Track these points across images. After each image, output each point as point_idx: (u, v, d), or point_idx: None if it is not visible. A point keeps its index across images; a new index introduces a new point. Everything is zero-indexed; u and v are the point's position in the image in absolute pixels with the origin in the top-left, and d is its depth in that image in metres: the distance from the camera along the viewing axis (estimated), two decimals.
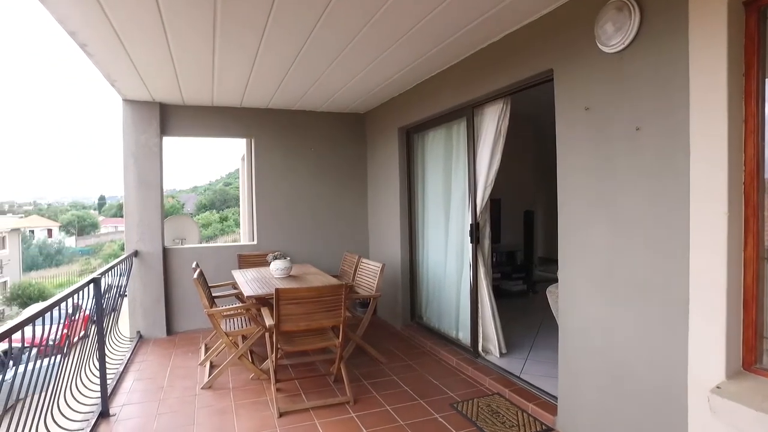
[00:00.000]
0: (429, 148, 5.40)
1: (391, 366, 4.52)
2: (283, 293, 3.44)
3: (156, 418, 3.56)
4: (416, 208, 5.69)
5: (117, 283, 4.66)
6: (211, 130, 6.05)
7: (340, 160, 6.62)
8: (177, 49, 3.94)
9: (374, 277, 4.64)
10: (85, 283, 3.43)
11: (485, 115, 4.27)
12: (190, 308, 5.77)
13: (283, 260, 4.62)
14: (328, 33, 3.59)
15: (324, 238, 6.48)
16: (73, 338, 3.34)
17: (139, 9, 3.16)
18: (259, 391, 4.01)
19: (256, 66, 4.38)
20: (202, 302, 4.11)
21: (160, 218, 5.61)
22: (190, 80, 4.82)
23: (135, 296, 5.54)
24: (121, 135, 5.53)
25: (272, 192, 6.27)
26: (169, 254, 5.77)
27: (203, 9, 3.18)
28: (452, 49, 4.05)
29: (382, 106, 6.08)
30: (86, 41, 3.78)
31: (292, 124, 6.34)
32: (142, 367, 4.65)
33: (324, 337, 3.91)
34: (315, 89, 5.26)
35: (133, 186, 5.53)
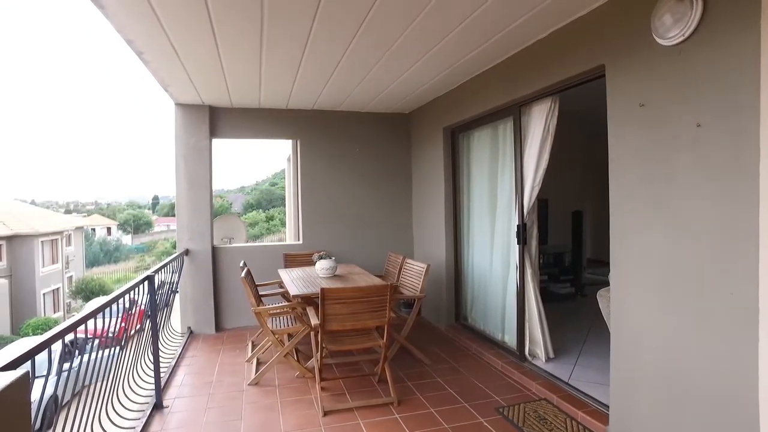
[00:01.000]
0: (474, 148, 5.32)
1: (435, 367, 4.49)
2: (328, 293, 3.47)
3: (205, 412, 3.67)
4: (461, 208, 5.62)
5: (169, 280, 4.84)
6: (258, 132, 6.19)
7: (384, 160, 6.64)
8: (226, 55, 4.06)
9: (419, 277, 4.61)
10: (140, 280, 3.57)
11: (533, 114, 4.17)
12: (238, 306, 5.92)
13: (328, 260, 4.67)
14: (371, 35, 3.61)
15: (368, 238, 6.51)
16: (130, 331, 3.49)
17: (193, 19, 3.30)
18: (304, 389, 4.06)
19: (301, 69, 4.44)
20: (249, 301, 4.20)
21: (209, 218, 5.79)
22: (238, 83, 4.95)
23: (186, 293, 5.74)
24: (173, 138, 5.74)
25: (317, 192, 6.35)
26: (218, 253, 5.94)
27: (251, 18, 3.29)
28: (497, 48, 3.98)
29: (427, 105, 6.04)
30: (143, 49, 3.95)
31: (337, 125, 6.40)
32: (193, 362, 4.80)
33: (369, 337, 3.92)
34: (359, 90, 5.29)
35: (184, 187, 5.73)
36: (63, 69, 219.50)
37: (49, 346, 1.86)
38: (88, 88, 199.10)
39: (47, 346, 1.85)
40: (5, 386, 1.24)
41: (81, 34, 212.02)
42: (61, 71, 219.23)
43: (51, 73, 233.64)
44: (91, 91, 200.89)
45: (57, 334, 1.99)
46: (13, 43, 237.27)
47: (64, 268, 27.75)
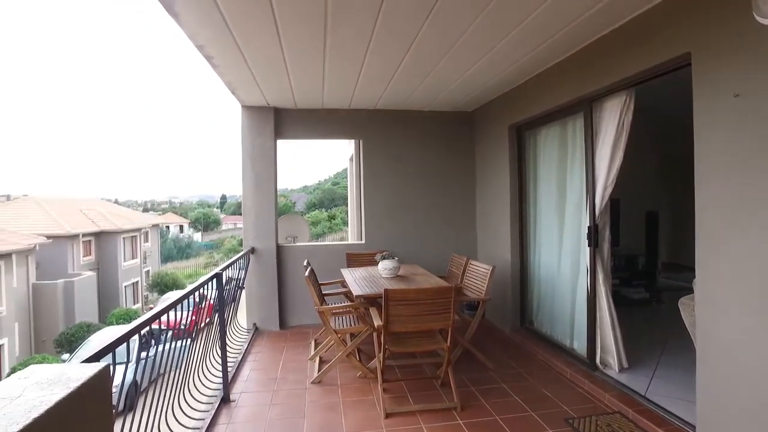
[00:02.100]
0: (542, 146, 5.12)
1: (499, 373, 4.35)
2: (392, 294, 3.44)
3: (270, 408, 3.74)
4: (528, 208, 5.43)
5: (237, 276, 5.00)
6: (321, 132, 6.28)
7: (447, 159, 6.54)
8: (291, 57, 4.14)
9: (483, 279, 4.49)
10: (209, 277, 3.70)
11: (605, 109, 3.94)
12: (301, 304, 6.04)
13: (391, 260, 4.65)
14: (436, 30, 3.54)
15: (431, 239, 6.44)
16: (200, 324, 3.63)
17: (259, 23, 3.39)
18: (366, 389, 4.06)
19: (364, 67, 4.45)
20: (313, 299, 4.25)
21: (274, 217, 5.94)
22: (301, 85, 5.03)
23: (252, 290, 5.92)
24: (240, 139, 5.94)
25: (380, 192, 6.35)
26: (283, 251, 6.08)
27: (315, 19, 3.34)
28: (568, 39, 3.79)
29: (491, 103, 5.89)
30: (212, 54, 4.10)
31: (400, 125, 6.38)
32: (258, 358, 4.94)
33: (432, 339, 3.86)
34: (423, 88, 5.23)
35: (250, 187, 5.91)
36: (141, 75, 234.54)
37: (128, 339, 1.95)
38: (166, 94, 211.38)
39: (126, 339, 1.94)
40: (90, 377, 1.35)
41: (154, 39, 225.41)
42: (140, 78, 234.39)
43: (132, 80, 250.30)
44: (166, 96, 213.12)
45: (135, 327, 2.09)
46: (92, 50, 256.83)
47: (142, 263, 29.63)
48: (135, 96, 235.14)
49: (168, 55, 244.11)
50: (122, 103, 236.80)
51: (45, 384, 1.26)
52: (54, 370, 1.36)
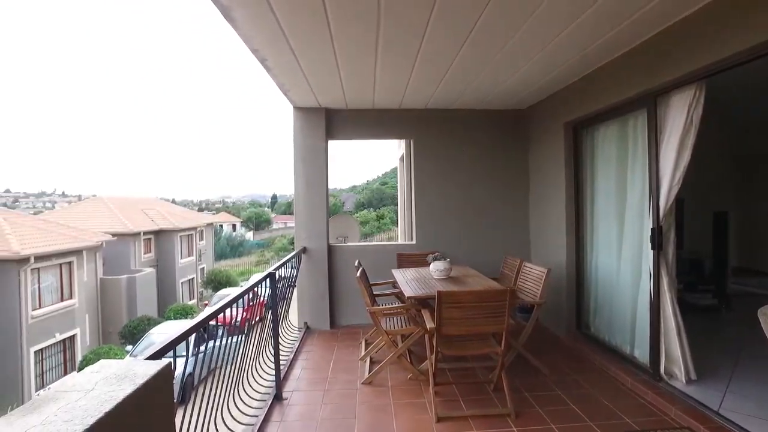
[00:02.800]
0: (599, 144, 4.91)
1: (555, 379, 4.21)
2: (445, 296, 3.38)
3: (321, 407, 3.77)
4: (584, 209, 5.22)
5: (289, 275, 5.08)
6: (372, 132, 6.29)
7: (499, 159, 6.40)
8: (343, 58, 4.17)
9: (538, 282, 4.36)
10: (264, 276, 3.77)
11: (672, 104, 3.73)
12: (352, 304, 6.07)
13: (443, 261, 4.59)
14: (491, 26, 3.46)
15: (482, 240, 6.32)
16: (251, 321, 3.69)
17: (312, 26, 3.44)
18: (417, 392, 4.02)
19: (416, 67, 4.41)
20: (364, 300, 4.25)
21: (325, 217, 6.00)
22: (353, 85, 5.05)
23: (303, 290, 6.01)
24: (292, 140, 6.03)
25: (431, 192, 6.29)
26: (333, 251, 6.13)
27: (367, 21, 3.35)
28: (633, 30, 3.61)
29: (546, 100, 5.71)
30: (266, 56, 4.18)
31: (451, 124, 6.30)
32: (309, 357, 4.99)
33: (485, 343, 3.77)
34: (475, 86, 5.13)
35: (302, 187, 5.99)
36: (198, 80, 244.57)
37: (187, 337, 2.00)
38: (219, 97, 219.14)
39: (186, 337, 1.99)
40: (154, 374, 1.42)
41: (207, 43, 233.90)
42: (196, 82, 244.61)
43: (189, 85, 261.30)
44: (220, 99, 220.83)
45: (195, 325, 2.14)
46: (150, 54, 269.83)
47: (197, 261, 30.81)
48: (191, 99, 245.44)
49: (223, 59, 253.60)
50: (179, 107, 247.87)
51: (114, 379, 1.32)
52: (121, 366, 1.42)
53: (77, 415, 1.10)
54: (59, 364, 17.41)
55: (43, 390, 16.08)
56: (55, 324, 17.05)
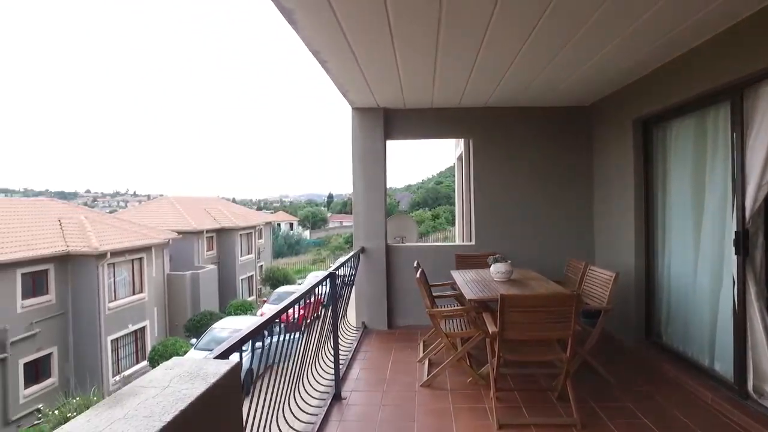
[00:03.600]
0: (673, 141, 4.61)
1: (623, 389, 3.98)
2: (509, 300, 3.27)
3: (380, 408, 3.75)
4: (655, 210, 4.92)
5: (348, 274, 5.10)
6: (430, 132, 6.22)
7: (562, 157, 6.15)
8: (402, 58, 4.14)
9: (605, 287, 4.14)
10: (325, 276, 3.79)
11: (762, 96, 3.42)
12: (410, 304, 6.03)
13: (504, 263, 4.46)
14: (558, 19, 3.31)
15: (544, 241, 6.11)
16: (308, 319, 3.71)
17: (373, 27, 3.44)
18: (477, 396, 3.92)
19: (477, 64, 4.31)
20: (423, 302, 4.20)
21: (383, 217, 6.00)
22: (412, 85, 5.01)
23: (361, 289, 6.03)
24: (350, 140, 6.07)
25: (491, 192, 6.15)
26: (391, 251, 6.12)
27: (428, 19, 3.30)
28: (719, 14, 3.34)
29: (613, 95, 5.43)
30: (326, 58, 4.22)
31: (511, 122, 6.13)
32: (367, 357, 5.00)
33: (549, 349, 3.62)
34: (538, 82, 4.96)
35: (360, 187, 6.02)
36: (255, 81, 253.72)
37: (253, 337, 2.03)
38: (276, 98, 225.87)
39: (251, 337, 2.02)
40: (224, 373, 1.45)
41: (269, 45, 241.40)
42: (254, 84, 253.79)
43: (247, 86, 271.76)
44: (276, 100, 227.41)
45: (260, 325, 2.17)
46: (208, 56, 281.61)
47: (256, 258, 31.82)
48: (253, 101, 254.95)
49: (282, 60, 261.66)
50: (241, 109, 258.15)
51: (186, 377, 1.34)
52: (193, 364, 1.46)
53: (155, 411, 1.14)
54: (132, 353, 18.52)
55: (118, 376, 17.15)
56: (128, 316, 18.13)
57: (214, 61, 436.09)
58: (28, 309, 15.11)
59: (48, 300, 15.87)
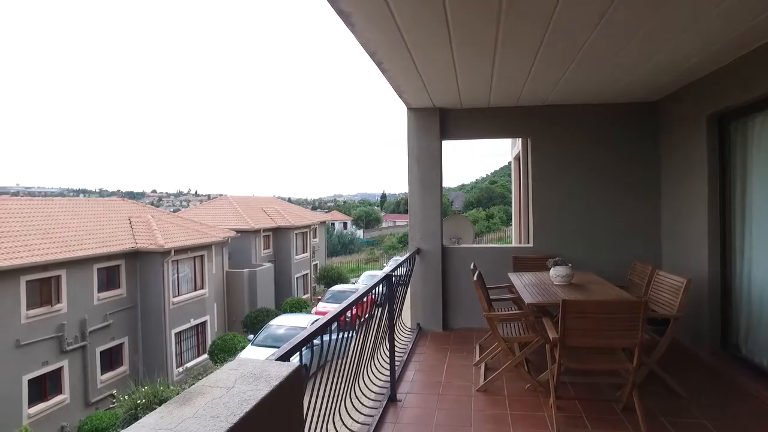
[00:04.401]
0: (755, 137, 4.27)
1: (696, 404, 3.73)
2: (571, 305, 3.15)
3: (435, 412, 3.71)
4: (732, 214, 4.59)
5: (403, 274, 5.08)
6: (487, 131, 6.11)
7: (625, 156, 5.86)
8: (460, 58, 4.09)
9: (675, 293, 3.91)
10: (382, 278, 3.79)
11: None
12: (465, 306, 5.94)
13: (564, 266, 4.31)
14: (628, 8, 3.12)
15: (605, 244, 5.84)
16: (361, 318, 3.71)
17: (431, 29, 3.41)
18: (535, 404, 3.80)
19: (537, 60, 4.16)
20: (481, 305, 4.12)
21: (439, 218, 5.94)
22: (469, 84, 4.93)
23: (416, 291, 6.00)
24: (405, 140, 6.06)
25: (550, 193, 5.96)
26: (447, 253, 6.05)
27: (488, 18, 3.23)
28: None
29: (684, 89, 5.11)
30: (383, 59, 4.21)
31: (572, 120, 5.90)
32: (422, 359, 4.96)
33: (614, 357, 3.46)
34: (602, 78, 4.74)
35: (416, 188, 5.99)
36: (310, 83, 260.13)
37: (312, 339, 2.05)
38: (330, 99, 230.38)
39: (311, 339, 2.04)
40: (286, 376, 1.47)
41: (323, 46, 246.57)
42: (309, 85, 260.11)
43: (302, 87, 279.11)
44: (330, 100, 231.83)
45: (320, 327, 2.19)
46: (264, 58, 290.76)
47: (311, 257, 32.45)
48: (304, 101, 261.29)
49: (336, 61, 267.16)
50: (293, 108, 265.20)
51: (250, 378, 1.37)
52: (256, 366, 1.49)
53: (222, 412, 1.17)
54: (193, 346, 19.37)
55: (181, 367, 18.00)
56: (190, 310, 18.99)
57: (271, 62, 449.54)
58: (103, 301, 16.18)
59: (120, 293, 16.91)
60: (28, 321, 13.79)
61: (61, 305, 14.80)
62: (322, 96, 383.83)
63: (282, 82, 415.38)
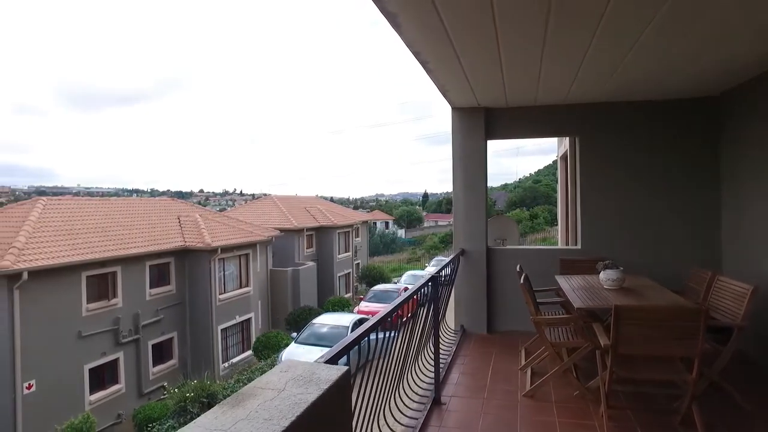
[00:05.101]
0: None
1: (763, 420, 3.50)
2: (624, 311, 3.02)
3: (481, 417, 3.64)
4: None
5: (447, 274, 5.01)
6: (533, 130, 5.97)
7: (681, 155, 5.57)
8: (506, 57, 4.00)
9: (740, 301, 3.68)
10: (427, 280, 3.74)
11: None
12: (511, 309, 5.81)
13: (615, 270, 4.14)
14: None
15: (659, 248, 5.57)
16: (403, 318, 3.68)
17: (478, 25, 3.33)
18: (584, 412, 3.67)
19: (589, 53, 3.95)
20: (528, 309, 4.02)
21: (484, 219, 5.84)
22: (515, 82, 4.82)
23: (460, 292, 5.92)
24: (450, 140, 5.98)
25: (600, 193, 5.74)
26: (492, 254, 5.94)
27: (536, 19, 3.16)
28: None
29: (754, 81, 4.74)
30: (428, 59, 4.18)
31: (623, 118, 5.67)
32: (466, 362, 4.89)
33: (671, 367, 3.29)
34: (659, 71, 4.48)
35: (460, 188, 5.91)
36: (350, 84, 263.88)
37: (359, 342, 2.04)
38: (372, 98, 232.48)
39: (358, 342, 2.03)
40: (336, 380, 1.46)
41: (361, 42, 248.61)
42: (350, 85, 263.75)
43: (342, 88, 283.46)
44: (372, 99, 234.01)
45: (367, 330, 2.18)
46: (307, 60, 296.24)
47: (353, 256, 32.70)
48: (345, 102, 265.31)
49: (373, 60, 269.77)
50: (334, 108, 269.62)
51: (301, 381, 1.38)
52: (305, 369, 1.49)
53: (274, 414, 1.18)
54: (238, 342, 19.88)
55: (226, 363, 18.52)
56: (235, 307, 19.50)
57: (313, 61, 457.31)
58: (154, 297, 16.86)
59: (169, 290, 17.57)
60: (88, 314, 14.55)
61: (117, 300, 15.53)
62: (364, 96, 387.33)
63: (325, 82, 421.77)
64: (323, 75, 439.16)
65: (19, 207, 16.92)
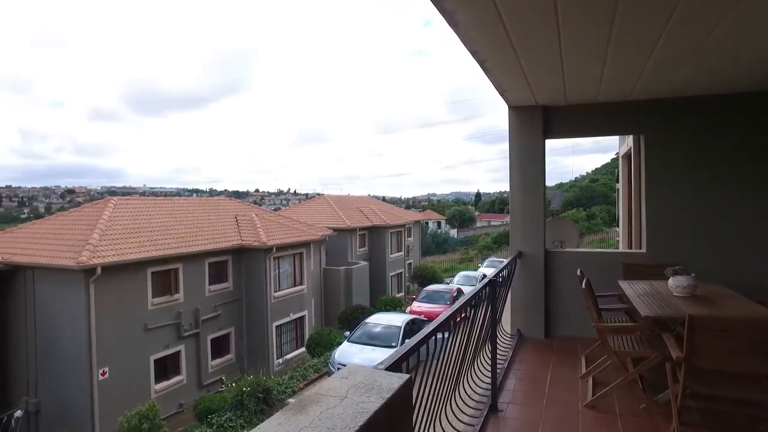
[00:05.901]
0: None
1: None
2: (700, 321, 2.81)
3: (540, 427, 3.50)
4: None
5: (504, 276, 4.87)
6: (595, 128, 5.73)
7: (759, 153, 5.14)
8: (568, 54, 3.84)
9: None
10: (485, 283, 3.64)
11: None
12: (569, 313, 5.58)
13: (686, 276, 3.87)
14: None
15: (736, 253, 5.15)
16: (456, 318, 3.58)
17: (539, 22, 3.20)
18: (652, 427, 3.47)
19: (659, 44, 3.69)
20: (590, 315, 3.84)
21: (542, 220, 5.64)
22: (575, 79, 4.62)
23: (517, 295, 5.74)
24: (507, 139, 5.82)
25: (667, 194, 5.39)
26: (550, 257, 5.72)
27: (600, 18, 3.04)
28: None
29: None
30: (486, 58, 4.07)
31: (694, 114, 5.28)
32: (523, 368, 4.74)
33: (755, 385, 3.03)
34: (737, 62, 4.15)
35: (517, 188, 5.74)
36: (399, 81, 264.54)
37: (419, 348, 1.99)
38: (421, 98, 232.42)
39: (418, 348, 1.99)
40: (398, 388, 1.43)
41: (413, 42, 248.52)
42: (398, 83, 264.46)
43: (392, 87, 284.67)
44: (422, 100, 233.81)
45: (429, 333, 2.14)
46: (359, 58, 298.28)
47: (405, 256, 32.69)
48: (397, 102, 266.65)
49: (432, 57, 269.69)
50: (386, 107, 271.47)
51: (362, 389, 1.36)
52: (366, 376, 1.47)
53: (337, 423, 1.16)
54: (292, 339, 20.35)
55: (281, 359, 18.99)
56: (289, 305, 19.96)
57: (366, 62, 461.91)
58: (213, 293, 17.55)
59: (227, 287, 18.21)
60: (153, 308, 15.38)
61: (179, 295, 16.28)
62: (416, 97, 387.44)
63: (378, 83, 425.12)
64: (375, 75, 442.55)
65: (94, 206, 18.20)
